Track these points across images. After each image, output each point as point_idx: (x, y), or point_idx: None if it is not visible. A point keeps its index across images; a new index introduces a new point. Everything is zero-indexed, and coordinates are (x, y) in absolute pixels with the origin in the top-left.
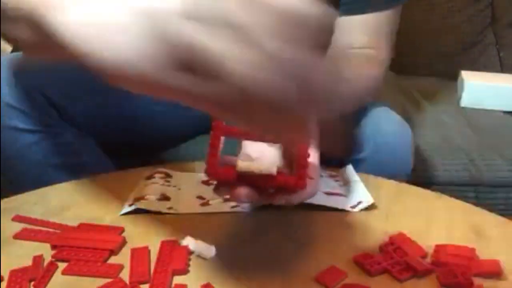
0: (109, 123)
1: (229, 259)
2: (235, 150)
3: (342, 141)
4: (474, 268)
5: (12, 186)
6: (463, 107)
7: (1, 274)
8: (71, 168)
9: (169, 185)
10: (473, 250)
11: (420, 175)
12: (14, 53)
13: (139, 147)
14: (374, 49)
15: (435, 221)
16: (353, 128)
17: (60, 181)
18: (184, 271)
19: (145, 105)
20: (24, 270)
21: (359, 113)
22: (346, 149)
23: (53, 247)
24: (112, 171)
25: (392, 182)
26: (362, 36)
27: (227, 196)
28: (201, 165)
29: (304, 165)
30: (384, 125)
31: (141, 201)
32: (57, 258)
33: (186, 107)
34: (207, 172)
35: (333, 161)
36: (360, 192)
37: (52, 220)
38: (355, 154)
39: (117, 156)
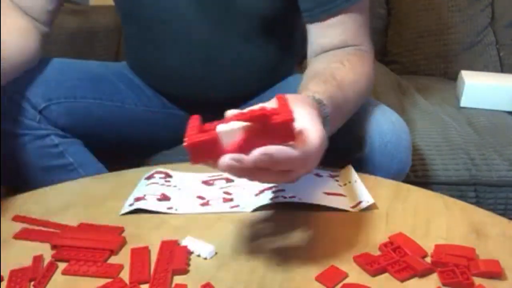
0: (95, 125)
1: (229, 259)
2: None
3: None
4: (474, 268)
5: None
6: (463, 107)
7: (1, 274)
8: (59, 170)
9: (169, 185)
10: (473, 250)
11: (420, 175)
12: None
13: (128, 149)
14: (353, 46)
15: (435, 221)
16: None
17: (49, 184)
18: (184, 271)
19: (130, 107)
20: (24, 270)
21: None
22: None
23: (53, 247)
24: (103, 171)
25: (392, 182)
26: (336, 37)
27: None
28: (201, 165)
29: (286, 107)
30: (383, 124)
31: (141, 201)
32: (57, 258)
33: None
34: (186, 142)
35: (332, 161)
36: (360, 192)
37: (52, 220)
38: (354, 153)
39: (110, 157)
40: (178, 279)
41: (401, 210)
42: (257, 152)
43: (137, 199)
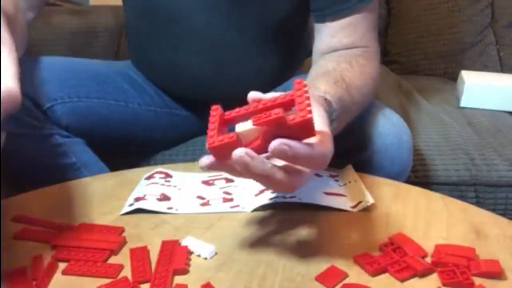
0: (98, 125)
1: (229, 259)
2: None
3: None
4: (474, 268)
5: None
6: (463, 107)
7: (1, 274)
8: (62, 170)
9: (169, 185)
10: (473, 250)
11: (420, 175)
12: None
13: (130, 149)
14: (361, 47)
15: (435, 221)
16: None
17: (52, 183)
18: (184, 271)
19: (133, 107)
20: (24, 270)
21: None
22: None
23: (53, 247)
24: (105, 171)
25: (392, 182)
26: (345, 38)
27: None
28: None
29: (302, 100)
30: (384, 126)
31: (141, 201)
32: (57, 258)
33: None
34: (208, 146)
35: (333, 162)
36: (360, 192)
37: (52, 220)
38: (355, 154)
39: (112, 157)
40: (178, 279)
41: (401, 210)
42: (277, 142)
43: (137, 199)
